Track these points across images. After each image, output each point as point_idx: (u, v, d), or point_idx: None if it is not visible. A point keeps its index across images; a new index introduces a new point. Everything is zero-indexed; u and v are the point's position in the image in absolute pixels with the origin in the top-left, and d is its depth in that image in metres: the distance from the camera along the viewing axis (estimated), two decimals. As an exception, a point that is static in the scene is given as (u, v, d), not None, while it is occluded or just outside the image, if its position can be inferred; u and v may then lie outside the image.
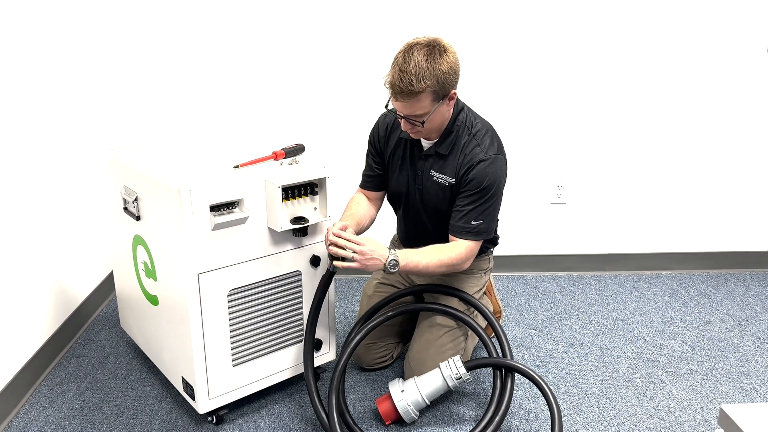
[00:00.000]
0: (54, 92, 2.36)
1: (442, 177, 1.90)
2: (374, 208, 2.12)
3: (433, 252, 1.87)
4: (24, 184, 2.14)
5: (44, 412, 2.04)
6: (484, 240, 1.93)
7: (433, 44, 1.73)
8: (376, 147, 2.05)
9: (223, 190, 1.74)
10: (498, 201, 1.89)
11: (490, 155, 1.85)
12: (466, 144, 1.87)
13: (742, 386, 2.19)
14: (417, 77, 1.69)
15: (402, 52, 1.74)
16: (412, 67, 1.69)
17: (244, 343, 1.91)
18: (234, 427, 1.97)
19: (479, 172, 1.83)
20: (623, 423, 1.99)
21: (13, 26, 2.09)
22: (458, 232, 1.88)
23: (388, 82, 1.75)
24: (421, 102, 1.73)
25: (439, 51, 1.72)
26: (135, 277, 2.10)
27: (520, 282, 2.97)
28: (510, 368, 1.90)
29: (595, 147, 2.88)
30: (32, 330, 2.19)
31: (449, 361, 1.92)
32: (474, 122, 1.91)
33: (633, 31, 2.72)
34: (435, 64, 1.70)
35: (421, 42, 1.73)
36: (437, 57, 1.71)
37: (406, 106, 1.76)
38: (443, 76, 1.72)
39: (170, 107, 2.77)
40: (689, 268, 3.08)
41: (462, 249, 1.88)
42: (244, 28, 2.67)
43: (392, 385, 1.95)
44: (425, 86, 1.70)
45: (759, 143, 2.90)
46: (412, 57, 1.70)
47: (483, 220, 1.86)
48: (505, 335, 2.02)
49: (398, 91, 1.72)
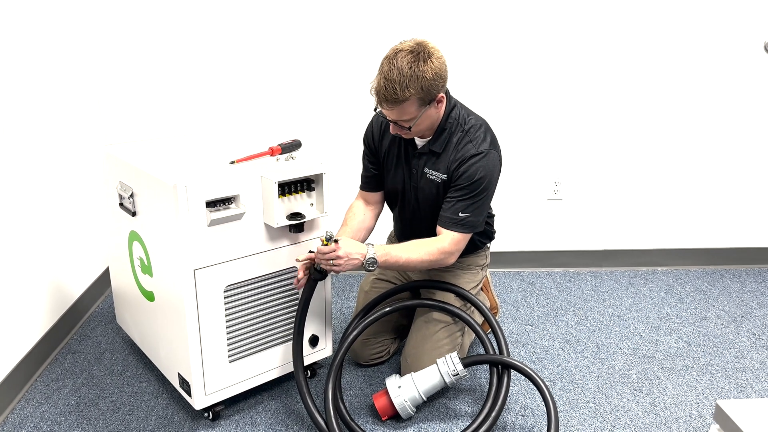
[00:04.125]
0: (50, 88, 2.35)
1: (435, 174, 1.90)
2: (373, 213, 2.11)
3: (416, 246, 1.86)
4: (20, 180, 2.13)
5: (40, 408, 2.03)
6: (473, 233, 1.92)
7: (418, 50, 1.70)
8: (370, 147, 2.05)
9: (219, 185, 1.73)
10: (489, 196, 1.89)
11: (482, 150, 1.84)
12: (459, 140, 1.86)
13: (738, 382, 2.19)
14: (401, 85, 1.68)
15: (386, 58, 1.73)
16: (395, 74, 1.68)
17: (241, 339, 1.91)
18: (230, 423, 1.97)
19: (470, 166, 1.83)
20: (619, 419, 2.00)
21: (9, 22, 2.08)
22: (446, 223, 1.87)
23: (373, 88, 1.75)
24: (406, 108, 1.73)
25: (424, 57, 1.70)
26: (131, 273, 2.09)
27: (517, 278, 2.97)
28: (507, 365, 1.91)
29: (591, 143, 2.89)
30: (28, 326, 2.18)
31: (446, 357, 1.93)
32: (467, 118, 1.90)
33: (629, 27, 2.71)
34: (419, 71, 1.68)
35: (405, 48, 1.71)
36: (421, 64, 1.69)
37: (392, 113, 1.76)
38: (428, 83, 1.71)
39: (166, 103, 2.76)
40: (685, 264, 3.09)
41: (446, 241, 1.86)
42: (240, 23, 2.66)
43: (389, 381, 1.95)
44: (409, 94, 1.69)
45: (755, 140, 2.91)
46: (396, 64, 1.69)
47: (471, 213, 1.85)
48: (501, 331, 2.02)
49: (383, 99, 1.72)
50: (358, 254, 1.78)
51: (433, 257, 1.86)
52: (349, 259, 1.78)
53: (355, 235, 2.01)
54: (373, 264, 1.79)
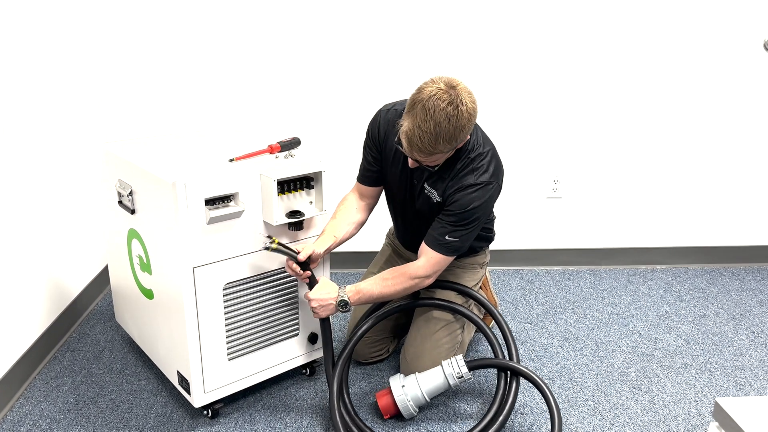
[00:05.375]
0: (48, 85, 2.35)
1: (433, 192, 1.87)
2: (366, 208, 2.06)
3: (387, 279, 1.87)
4: (18, 178, 2.13)
5: (39, 405, 2.03)
6: (456, 254, 1.88)
7: (456, 101, 1.61)
8: (374, 141, 1.97)
9: (218, 183, 1.73)
10: (478, 226, 1.84)
11: (481, 181, 1.79)
12: (462, 167, 1.81)
13: (736, 380, 2.20)
14: (437, 138, 1.62)
15: (420, 104, 1.62)
16: (432, 127, 1.60)
17: (240, 337, 1.91)
18: (229, 420, 1.97)
19: (465, 195, 1.78)
20: (618, 416, 2.00)
21: (7, 19, 2.07)
22: (430, 241, 1.85)
23: (404, 133, 1.66)
24: (436, 156, 1.70)
25: (462, 110, 1.61)
26: (130, 270, 2.09)
27: (516, 276, 2.97)
28: (516, 372, 1.90)
29: (591, 142, 2.88)
30: (27, 324, 2.18)
31: (451, 359, 1.93)
32: (476, 145, 1.82)
33: (628, 25, 2.71)
34: (457, 126, 1.62)
35: (441, 96, 1.60)
36: (459, 118, 1.61)
37: (419, 157, 1.71)
38: (463, 136, 1.67)
39: (165, 100, 2.76)
40: (684, 262, 3.09)
41: (422, 262, 1.85)
42: (239, 21, 2.65)
43: (393, 380, 1.95)
44: (444, 148, 1.66)
45: (754, 138, 2.91)
46: (434, 116, 1.60)
47: (457, 239, 1.82)
48: (511, 333, 2.02)
49: (415, 149, 1.66)
50: (330, 299, 1.84)
51: (407, 285, 1.86)
52: (322, 306, 1.85)
53: (338, 233, 1.96)
54: (345, 305, 1.84)
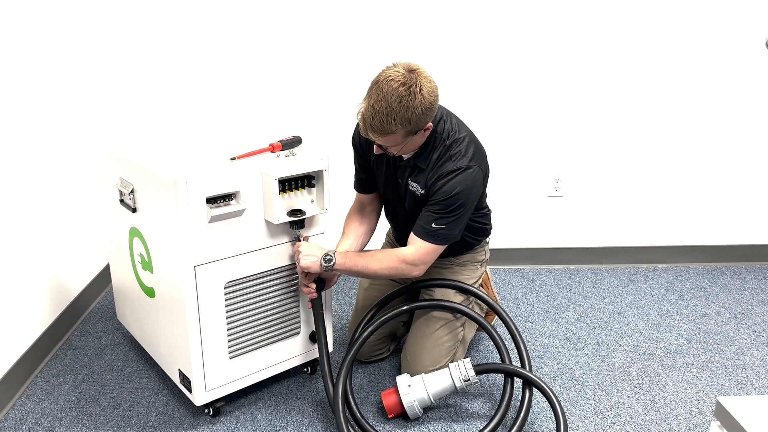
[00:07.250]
0: (50, 84, 2.35)
1: (416, 186, 1.88)
2: (372, 215, 2.11)
3: (375, 254, 1.88)
4: (20, 176, 2.13)
5: (41, 404, 2.03)
6: (447, 245, 1.88)
7: (409, 82, 1.63)
8: (358, 150, 2.02)
9: (219, 182, 1.73)
10: (465, 212, 1.83)
11: (459, 166, 1.78)
12: (439, 156, 1.82)
13: (738, 379, 2.20)
14: (388, 118, 1.65)
15: (376, 85, 1.67)
16: (384, 107, 1.63)
17: (241, 336, 1.91)
18: (231, 419, 1.97)
19: (446, 182, 1.79)
20: (619, 415, 2.00)
21: (9, 18, 2.07)
22: (417, 231, 1.85)
23: (360, 113, 1.71)
24: (391, 137, 1.71)
25: (414, 91, 1.63)
26: (131, 269, 2.09)
27: (517, 275, 2.97)
28: (528, 381, 1.90)
29: (592, 140, 2.88)
30: (29, 322, 2.18)
31: (459, 362, 1.93)
32: (450, 132, 1.83)
33: (629, 24, 2.71)
34: (409, 106, 1.63)
35: (396, 77, 1.64)
36: (411, 98, 1.63)
37: (376, 139, 1.74)
38: (416, 118, 1.67)
39: (167, 99, 2.76)
40: (686, 261, 3.09)
41: (411, 250, 1.84)
42: (240, 20, 2.65)
43: (400, 380, 1.95)
44: (396, 128, 1.67)
45: (755, 137, 2.90)
46: (385, 96, 1.63)
47: (444, 226, 1.82)
48: (519, 333, 2.02)
49: (369, 128, 1.69)
50: (318, 253, 1.84)
51: (392, 265, 1.85)
52: (307, 256, 1.84)
53: (355, 242, 2.03)
54: (330, 261, 1.83)
